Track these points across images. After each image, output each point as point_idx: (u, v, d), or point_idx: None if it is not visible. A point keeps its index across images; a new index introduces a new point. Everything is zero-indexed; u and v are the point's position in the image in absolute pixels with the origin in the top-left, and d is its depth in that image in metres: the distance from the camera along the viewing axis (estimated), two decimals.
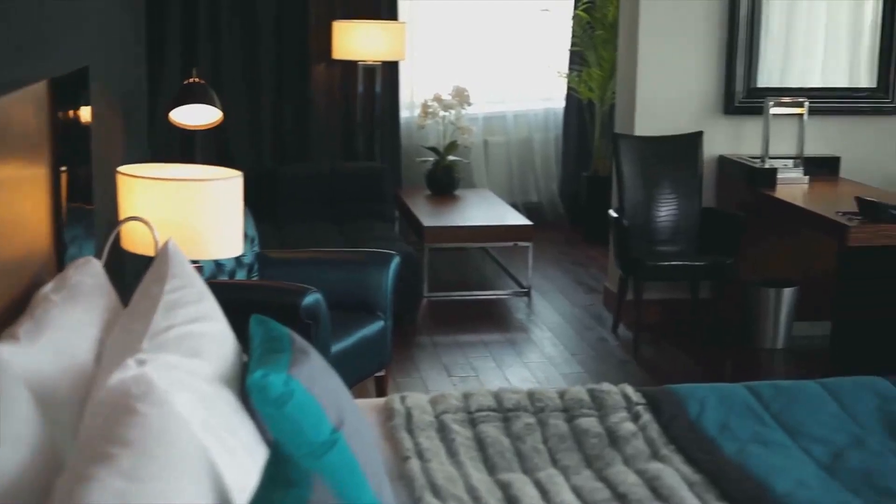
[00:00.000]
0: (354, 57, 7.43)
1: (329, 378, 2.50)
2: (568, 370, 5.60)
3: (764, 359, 5.90)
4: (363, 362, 4.71)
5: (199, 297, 2.55)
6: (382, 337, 4.77)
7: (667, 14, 6.11)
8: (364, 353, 4.68)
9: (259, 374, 2.27)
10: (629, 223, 5.93)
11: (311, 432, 2.29)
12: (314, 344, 4.25)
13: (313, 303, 4.26)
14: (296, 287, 4.34)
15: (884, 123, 6.36)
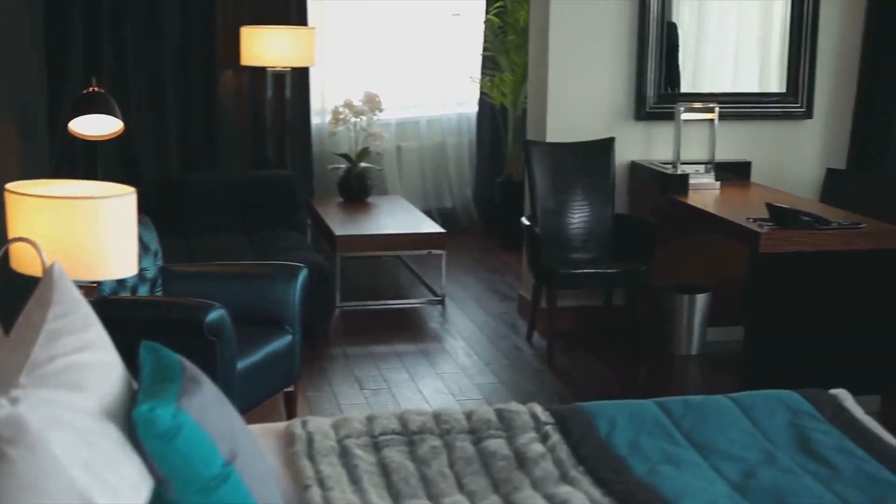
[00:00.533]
0: (263, 63, 7.30)
1: (222, 408, 2.39)
2: (482, 380, 5.52)
3: (678, 365, 5.88)
4: (271, 378, 4.59)
5: (85, 325, 2.42)
6: (290, 352, 4.66)
7: (577, 20, 6.06)
8: (272, 368, 4.56)
9: (145, 407, 2.16)
10: (542, 231, 5.87)
11: (202, 466, 2.20)
12: (219, 361, 4.18)
13: (217, 319, 4.14)
14: (199, 303, 4.22)
15: (793, 128, 6.38)
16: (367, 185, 7.79)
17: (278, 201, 6.97)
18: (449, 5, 8.74)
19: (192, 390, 2.27)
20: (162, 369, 2.37)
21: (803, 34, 6.26)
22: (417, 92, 8.83)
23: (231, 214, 6.88)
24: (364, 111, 7.75)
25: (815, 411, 3.04)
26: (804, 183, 6.35)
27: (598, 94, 6.16)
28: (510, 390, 5.39)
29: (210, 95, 7.35)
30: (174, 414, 2.16)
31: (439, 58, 8.81)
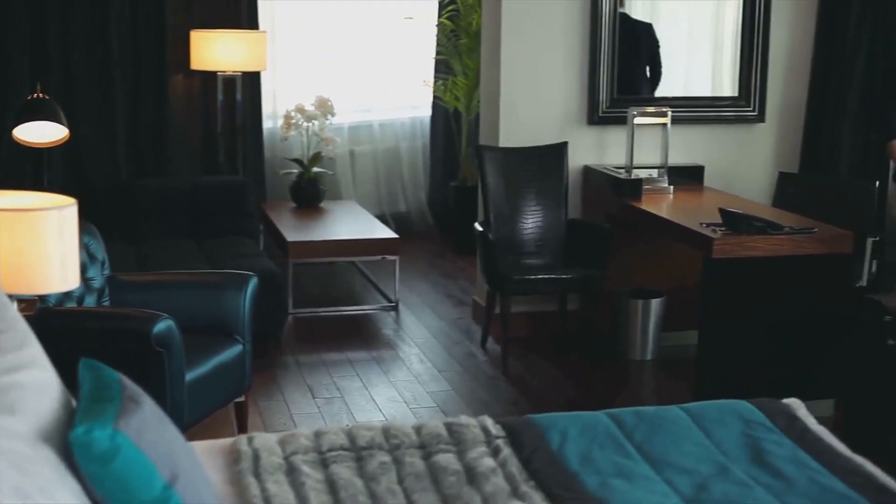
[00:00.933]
0: (214, 67, 7.20)
1: (162, 428, 2.33)
2: (436, 388, 5.47)
3: (633, 370, 5.86)
4: (221, 389, 4.53)
5: (21, 343, 2.35)
6: (241, 361, 4.59)
7: (529, 25, 6.03)
8: (221, 379, 4.49)
9: (81, 429, 2.10)
10: (495, 236, 5.84)
11: (141, 490, 2.14)
12: (167, 373, 4.11)
13: (165, 330, 4.08)
14: (146, 314, 4.15)
15: (746, 132, 6.38)
16: (320, 191, 7.72)
17: (230, 207, 6.89)
18: (401, 9, 8.68)
19: (130, 410, 2.21)
20: (100, 388, 2.31)
21: (755, 38, 6.26)
22: (370, 96, 8.77)
23: (182, 220, 6.79)
24: (316, 116, 7.68)
25: (768, 421, 3.02)
26: (757, 186, 6.35)
27: (551, 98, 6.13)
28: (464, 398, 5.35)
29: (160, 100, 7.24)
30: (111, 436, 2.10)
31: (392, 61, 8.75)
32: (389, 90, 8.81)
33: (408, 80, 8.75)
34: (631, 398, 5.53)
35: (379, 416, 5.08)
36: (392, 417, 5.06)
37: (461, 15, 8.24)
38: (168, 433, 2.34)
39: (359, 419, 5.05)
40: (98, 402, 2.24)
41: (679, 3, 6.28)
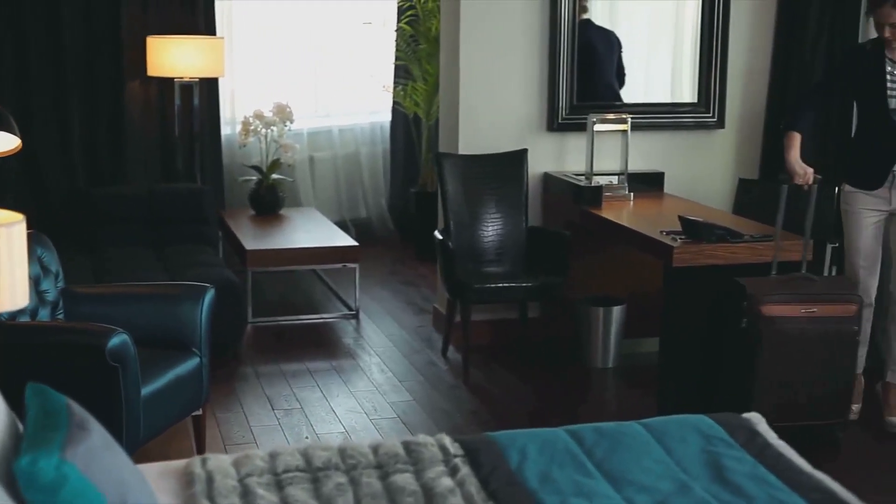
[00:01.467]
0: (171, 74, 7.12)
1: (111, 454, 2.28)
2: (396, 398, 5.43)
3: (595, 378, 5.84)
4: (178, 403, 4.46)
5: None
6: (198, 375, 4.53)
7: (488, 31, 6.00)
8: (178, 393, 4.43)
9: (27, 459, 2.05)
10: (455, 244, 5.80)
11: None
12: (122, 388, 4.05)
13: (119, 344, 4.02)
14: (100, 328, 4.09)
15: (705, 138, 6.38)
16: (279, 198, 7.66)
17: (188, 215, 6.83)
18: (360, 13, 8.63)
19: (78, 438, 2.16)
20: (47, 415, 2.26)
21: (714, 44, 6.26)
22: (329, 101, 8.72)
23: (140, 229, 6.73)
24: (275, 122, 7.62)
25: (729, 437, 3.00)
26: (717, 193, 6.35)
27: (511, 105, 6.10)
28: (425, 408, 5.31)
29: (116, 107, 7.15)
30: (58, 465, 2.05)
31: (351, 66, 8.70)
32: (349, 95, 8.76)
33: (367, 85, 8.70)
34: (593, 407, 5.52)
35: (339, 428, 5.04)
36: (352, 429, 5.02)
37: (420, 20, 8.20)
38: (117, 459, 2.29)
39: (319, 431, 5.00)
40: (44, 429, 2.18)
41: (638, 10, 6.27)
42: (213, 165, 7.61)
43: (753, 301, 4.63)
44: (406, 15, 8.31)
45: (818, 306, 4.67)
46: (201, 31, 7.35)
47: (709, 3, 6.22)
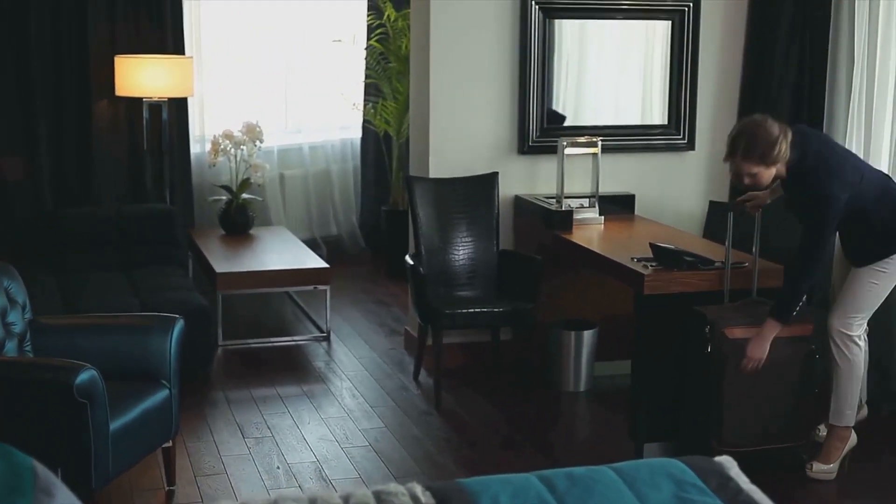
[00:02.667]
0: (139, 93, 7.08)
1: None
2: (368, 425, 5.40)
3: (567, 402, 5.83)
4: (147, 437, 4.43)
5: None
6: (167, 407, 4.49)
7: (458, 53, 5.99)
8: (148, 426, 4.40)
9: None
10: (427, 269, 5.79)
11: None
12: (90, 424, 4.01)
13: (87, 380, 4.00)
14: (68, 364, 4.06)
15: (676, 160, 6.39)
16: (249, 217, 7.63)
17: (158, 236, 6.79)
18: (330, 31, 8.60)
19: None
20: (12, 477, 2.22)
21: (684, 66, 6.27)
22: (300, 118, 8.68)
23: (108, 250, 6.69)
24: (244, 142, 7.58)
25: (700, 482, 2.98)
26: (687, 215, 6.36)
27: (482, 128, 6.09)
28: (396, 435, 5.28)
29: (84, 128, 7.11)
30: None
31: (321, 84, 8.67)
32: (319, 112, 8.73)
33: (337, 102, 8.66)
34: (565, 432, 5.51)
35: (310, 457, 5.01)
36: (324, 458, 4.99)
37: (390, 38, 8.18)
38: None
39: (290, 460, 4.97)
40: (9, 494, 2.15)
41: (608, 31, 6.27)
42: (182, 185, 7.57)
43: (716, 326, 4.66)
44: (376, 33, 8.29)
45: None
46: (170, 50, 7.31)
47: (679, 26, 6.24)
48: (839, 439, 4.87)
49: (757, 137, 4.54)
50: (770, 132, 4.53)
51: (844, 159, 4.68)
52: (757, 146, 4.53)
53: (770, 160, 4.54)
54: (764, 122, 4.59)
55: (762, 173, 4.58)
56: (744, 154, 4.56)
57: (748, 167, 4.58)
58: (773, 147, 4.52)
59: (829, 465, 4.84)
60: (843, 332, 4.77)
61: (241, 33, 8.43)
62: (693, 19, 6.24)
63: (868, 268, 4.71)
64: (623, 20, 6.22)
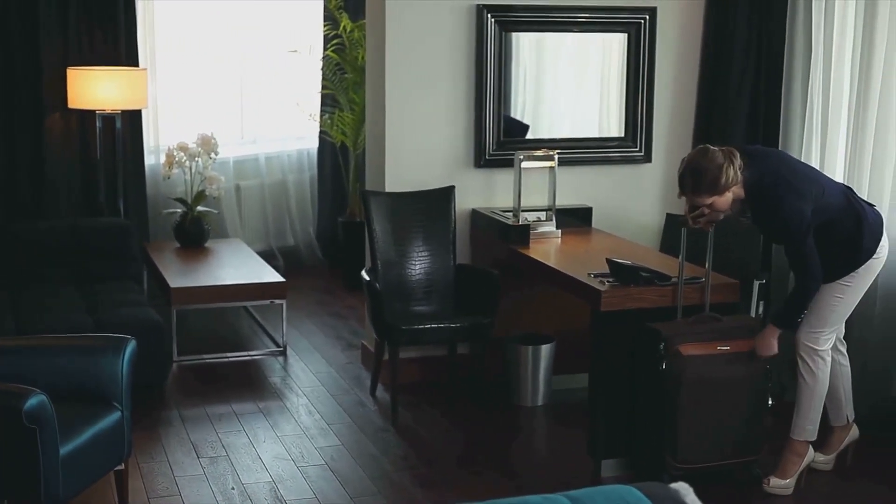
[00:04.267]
0: (92, 105, 6.99)
1: None
2: (324, 443, 5.35)
3: (524, 417, 5.80)
4: (98, 460, 4.36)
5: None
6: (119, 430, 4.42)
7: (414, 67, 5.96)
8: (99, 450, 4.33)
9: None
10: (383, 283, 5.75)
11: None
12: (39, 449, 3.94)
13: (36, 406, 3.93)
14: (16, 389, 3.99)
15: (633, 172, 6.38)
16: (205, 230, 7.56)
17: (112, 251, 6.71)
18: (286, 41, 8.54)
19: None
20: None
21: (640, 79, 6.27)
22: (256, 128, 8.62)
23: (61, 265, 6.59)
24: (199, 154, 7.51)
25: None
26: (644, 227, 6.35)
27: (438, 141, 6.06)
28: (353, 453, 5.23)
29: (36, 140, 7.02)
30: None
31: (277, 94, 8.61)
32: (275, 123, 8.67)
33: (294, 113, 8.60)
34: (523, 450, 5.48)
35: (266, 477, 4.95)
36: (279, 478, 4.94)
37: (346, 49, 8.13)
38: None
39: (245, 480, 4.91)
40: None
41: (565, 46, 6.25)
42: (136, 198, 7.49)
43: (670, 343, 4.66)
44: (332, 43, 8.24)
45: (730, 343, 4.74)
46: (123, 62, 7.23)
47: (635, 38, 6.23)
48: (797, 454, 4.87)
49: (701, 170, 4.56)
50: (713, 161, 4.55)
51: (803, 174, 4.68)
52: (703, 178, 4.55)
53: (720, 188, 4.55)
54: (706, 152, 4.62)
55: (717, 201, 4.60)
56: (693, 189, 4.61)
57: (701, 200, 4.61)
58: (720, 176, 4.54)
59: (787, 480, 4.84)
60: (810, 347, 4.78)
61: (195, 44, 8.36)
62: (649, 32, 6.24)
63: (834, 283, 4.72)
64: (580, 33, 6.20)
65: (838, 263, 4.71)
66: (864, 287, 4.79)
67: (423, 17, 5.93)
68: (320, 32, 8.41)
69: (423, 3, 5.91)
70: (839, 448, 5.05)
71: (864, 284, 4.78)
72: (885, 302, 5.43)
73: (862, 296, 4.82)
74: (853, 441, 5.08)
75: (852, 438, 5.07)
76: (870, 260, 4.72)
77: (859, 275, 4.72)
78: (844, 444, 5.05)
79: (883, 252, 4.77)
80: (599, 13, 6.17)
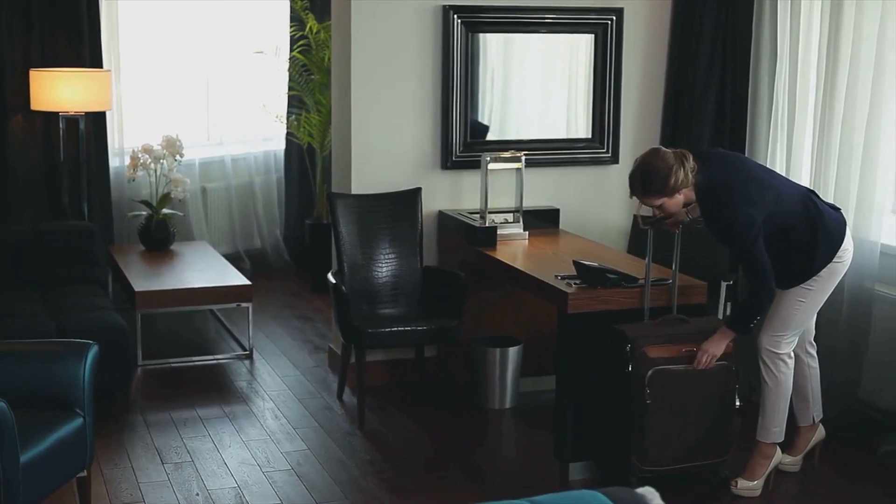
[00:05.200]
0: (55, 107, 6.92)
1: None
2: (290, 448, 5.30)
3: (492, 420, 5.78)
4: (60, 467, 4.29)
5: None
6: (81, 436, 4.36)
7: (380, 68, 5.92)
8: (61, 457, 4.26)
9: None
10: (349, 286, 5.71)
11: None
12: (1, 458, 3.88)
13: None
14: None
15: (600, 173, 6.36)
16: (170, 233, 7.49)
17: (76, 254, 6.64)
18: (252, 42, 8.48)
19: None
20: None
21: (607, 80, 6.25)
22: (222, 130, 8.56)
23: (24, 269, 6.51)
24: (164, 156, 7.45)
25: None
26: (612, 229, 6.34)
27: (404, 143, 6.02)
28: (320, 458, 5.18)
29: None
30: None
31: (244, 96, 8.55)
32: (242, 124, 8.61)
33: (260, 114, 8.55)
34: (491, 453, 5.46)
35: (231, 483, 4.90)
36: (244, 483, 4.89)
37: (313, 50, 8.08)
38: None
39: (210, 486, 4.86)
40: None
41: (532, 47, 6.22)
42: (100, 201, 7.42)
43: (636, 345, 4.64)
44: (298, 44, 8.19)
45: (697, 345, 4.71)
46: (87, 63, 7.16)
47: (602, 39, 6.22)
48: (764, 456, 4.86)
49: (651, 171, 4.54)
50: (664, 163, 4.53)
51: (757, 180, 4.63)
52: (652, 180, 4.54)
53: (669, 190, 4.53)
54: (657, 153, 4.60)
55: (666, 203, 4.59)
56: (642, 191, 4.60)
57: (651, 201, 4.60)
58: (669, 177, 4.51)
59: (754, 482, 4.83)
60: (772, 351, 4.77)
61: (160, 45, 8.30)
62: (616, 33, 6.23)
63: (796, 287, 4.71)
64: (547, 34, 6.18)
65: (792, 269, 4.69)
66: (826, 291, 4.77)
67: (390, 18, 5.90)
68: (287, 33, 8.36)
69: (389, 4, 5.88)
70: (806, 449, 5.05)
71: (827, 288, 4.76)
72: (852, 307, 5.43)
73: (825, 299, 4.81)
74: (820, 441, 5.08)
75: (819, 439, 5.07)
76: (831, 264, 4.70)
77: (822, 278, 4.71)
78: (811, 445, 5.05)
79: (846, 255, 4.76)
80: (566, 14, 6.15)
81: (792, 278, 4.69)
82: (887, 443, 5.19)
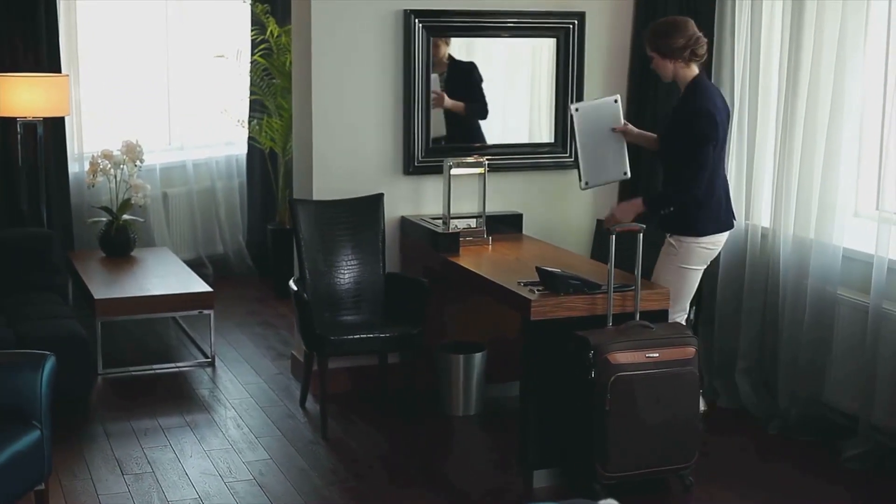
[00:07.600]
0: (13, 113, 6.84)
1: None
2: (252, 457, 5.25)
3: (457, 427, 5.73)
4: (16, 481, 4.23)
5: None
6: (38, 449, 4.29)
7: (341, 73, 5.88)
8: (16, 470, 4.20)
9: None
10: (312, 294, 5.66)
11: None
12: None
13: None
14: None
15: (563, 178, 6.33)
16: (131, 239, 7.42)
17: (35, 261, 6.55)
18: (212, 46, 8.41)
19: None
20: None
21: (570, 84, 6.23)
22: (183, 134, 8.48)
23: None
24: (123, 161, 7.37)
25: None
26: (575, 234, 6.32)
27: (366, 148, 5.98)
28: (282, 468, 5.13)
29: None
30: None
31: (205, 100, 8.48)
32: (203, 129, 8.54)
33: (221, 118, 8.48)
34: (455, 461, 5.40)
35: (192, 494, 4.85)
36: (206, 494, 4.84)
37: (274, 54, 8.03)
38: None
39: (171, 498, 4.80)
40: None
41: (495, 51, 6.20)
42: (60, 207, 7.35)
43: (599, 351, 4.63)
44: (259, 48, 8.13)
45: (659, 351, 4.72)
46: (45, 67, 7.08)
47: (564, 43, 6.20)
48: None
49: (667, 23, 5.02)
50: (681, 25, 4.98)
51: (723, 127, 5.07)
52: (661, 29, 4.98)
53: (664, 48, 4.95)
54: (686, 20, 5.05)
55: (657, 61, 5.04)
56: (650, 34, 5.06)
57: (648, 49, 5.05)
58: (675, 37, 4.92)
59: None
60: None
61: (120, 49, 8.21)
62: (578, 37, 6.21)
63: (666, 243, 5.13)
64: (509, 38, 6.16)
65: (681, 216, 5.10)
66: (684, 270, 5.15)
67: (350, 23, 5.85)
68: (248, 37, 8.29)
69: (350, 8, 5.84)
70: None
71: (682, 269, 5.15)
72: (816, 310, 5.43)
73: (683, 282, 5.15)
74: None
75: None
76: (694, 242, 5.10)
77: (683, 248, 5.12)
78: None
79: (712, 247, 5.18)
80: (528, 18, 6.13)
81: (673, 222, 5.12)
82: (851, 446, 5.19)
